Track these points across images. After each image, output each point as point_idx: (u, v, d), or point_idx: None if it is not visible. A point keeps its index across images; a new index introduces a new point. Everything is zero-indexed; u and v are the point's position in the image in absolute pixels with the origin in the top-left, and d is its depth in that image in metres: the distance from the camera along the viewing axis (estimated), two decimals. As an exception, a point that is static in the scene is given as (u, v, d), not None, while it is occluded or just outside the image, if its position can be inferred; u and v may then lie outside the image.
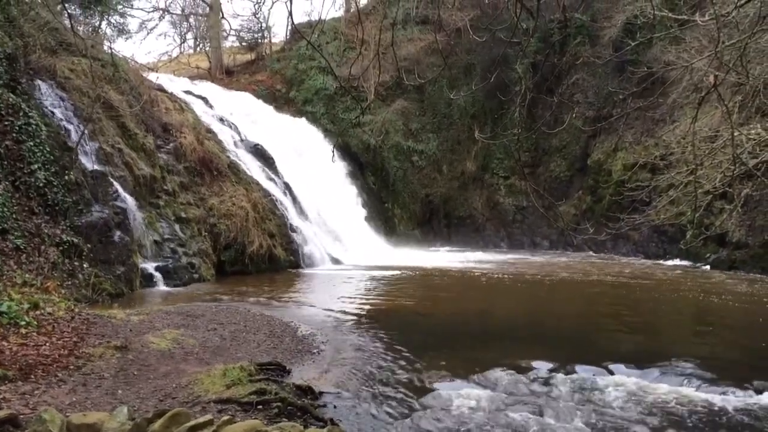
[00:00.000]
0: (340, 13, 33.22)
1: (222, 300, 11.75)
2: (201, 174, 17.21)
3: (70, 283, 10.48)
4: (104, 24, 24.93)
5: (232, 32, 36.61)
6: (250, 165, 19.44)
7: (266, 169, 20.04)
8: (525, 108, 20.28)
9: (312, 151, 23.89)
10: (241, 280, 14.95)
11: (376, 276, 16.06)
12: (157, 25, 59.17)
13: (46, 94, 13.34)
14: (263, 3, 46.60)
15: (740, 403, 6.04)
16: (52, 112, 12.96)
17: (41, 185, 11.20)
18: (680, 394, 6.28)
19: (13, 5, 13.27)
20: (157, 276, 13.50)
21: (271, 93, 28.91)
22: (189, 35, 45.71)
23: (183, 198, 16.03)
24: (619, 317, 10.67)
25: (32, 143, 11.33)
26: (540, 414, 5.76)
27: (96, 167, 13.15)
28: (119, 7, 24.40)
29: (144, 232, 13.97)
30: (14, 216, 10.27)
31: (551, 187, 25.33)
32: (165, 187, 15.59)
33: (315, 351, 7.74)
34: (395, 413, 5.75)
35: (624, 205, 17.12)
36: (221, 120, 21.31)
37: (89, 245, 11.64)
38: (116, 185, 13.46)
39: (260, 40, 34.72)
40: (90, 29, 23.44)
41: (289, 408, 5.35)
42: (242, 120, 22.54)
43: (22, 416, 4.59)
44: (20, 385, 5.42)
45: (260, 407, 5.29)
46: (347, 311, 10.64)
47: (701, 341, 9.16)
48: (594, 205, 23.34)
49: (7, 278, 8.75)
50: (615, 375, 6.89)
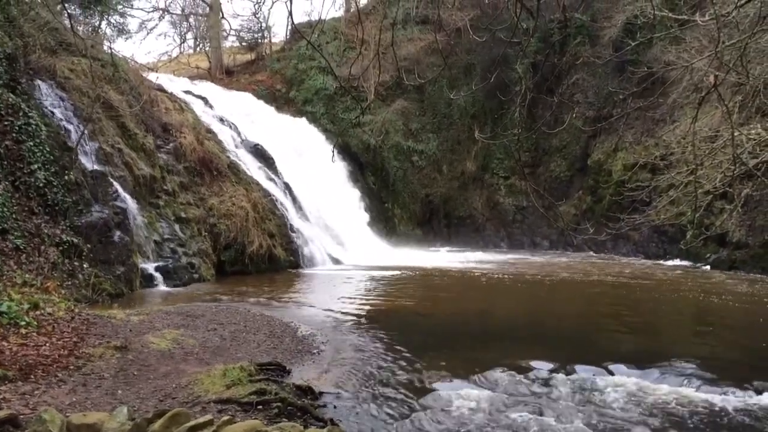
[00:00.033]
0: (340, 13, 33.24)
1: (222, 300, 11.75)
2: (201, 174, 17.22)
3: (70, 284, 10.48)
4: (104, 24, 24.95)
5: (232, 32, 36.67)
6: (250, 165, 19.44)
7: (266, 169, 20.03)
8: (525, 108, 20.28)
9: (312, 151, 23.89)
10: (241, 280, 14.95)
11: (376, 276, 16.06)
12: (157, 25, 59.21)
13: (46, 94, 13.33)
14: (263, 3, 46.62)
15: (740, 404, 6.04)
16: (52, 112, 12.96)
17: (41, 185, 11.20)
18: (680, 395, 6.28)
19: (13, 5, 13.27)
20: (157, 276, 13.50)
21: (271, 93, 28.90)
22: (189, 35, 45.78)
23: (183, 198, 16.03)
24: (620, 317, 10.67)
25: (32, 143, 11.33)
26: (540, 414, 5.76)
27: (96, 167, 13.15)
28: (119, 7, 24.39)
29: (144, 232, 13.97)
30: (14, 216, 10.27)
31: (551, 187, 25.33)
32: (165, 187, 15.60)
33: (315, 351, 7.74)
34: (395, 413, 5.75)
35: (624, 205, 17.12)
36: (221, 120, 21.31)
37: (89, 245, 11.64)
38: (116, 185, 13.46)
39: (260, 40, 34.70)
40: (90, 29, 23.44)
41: (289, 408, 5.35)
42: (242, 120, 22.53)
43: (22, 416, 4.59)
44: (20, 385, 5.42)
45: (260, 407, 5.29)
46: (347, 311, 10.63)
47: (701, 341, 9.16)
48: (594, 205, 23.34)
49: (7, 278, 8.75)
50: (615, 375, 6.89)
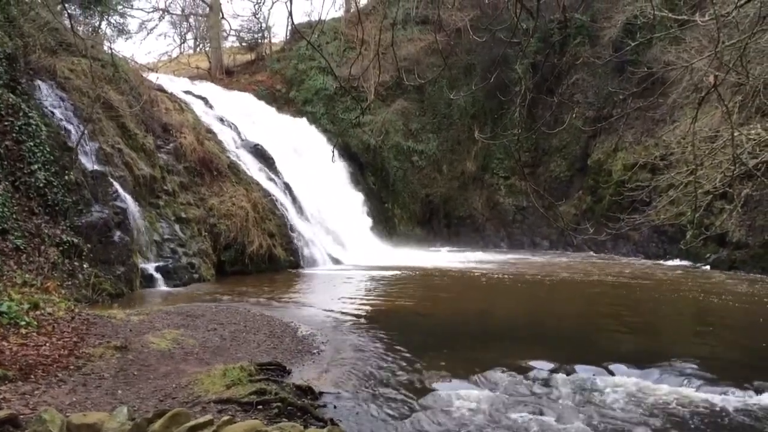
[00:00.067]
0: (340, 13, 33.27)
1: (222, 300, 11.75)
2: (201, 174, 17.22)
3: (70, 283, 10.48)
4: (104, 24, 24.96)
5: (232, 32, 36.66)
6: (250, 165, 19.44)
7: (266, 169, 20.03)
8: (525, 108, 20.24)
9: (312, 152, 23.89)
10: (241, 280, 14.95)
11: (376, 276, 16.06)
12: (157, 26, 59.35)
13: (46, 94, 13.33)
14: (263, 3, 46.53)
15: (740, 404, 6.04)
16: (52, 112, 12.96)
17: (41, 185, 11.20)
18: (681, 395, 6.28)
19: (13, 5, 13.27)
20: (157, 276, 13.51)
21: (271, 93, 28.91)
22: (189, 35, 45.77)
23: (183, 198, 16.03)
24: (620, 317, 10.67)
25: (32, 143, 11.33)
26: (540, 414, 5.76)
27: (96, 167, 13.15)
28: (119, 7, 24.41)
29: (144, 232, 13.97)
30: (14, 216, 10.27)
31: (551, 187, 25.33)
32: (165, 187, 15.60)
33: (315, 351, 7.74)
34: (395, 414, 5.75)
35: (624, 205, 17.11)
36: (221, 120, 21.31)
37: (89, 245, 11.64)
38: (116, 185, 13.46)
39: (260, 40, 34.70)
40: (90, 29, 23.43)
41: (289, 408, 5.35)
42: (242, 120, 22.53)
43: (22, 416, 4.59)
44: (20, 385, 5.42)
45: (260, 407, 5.29)
46: (347, 311, 10.63)
47: (701, 341, 9.15)
48: (594, 205, 23.34)
49: (7, 278, 8.75)
50: (615, 375, 6.89)
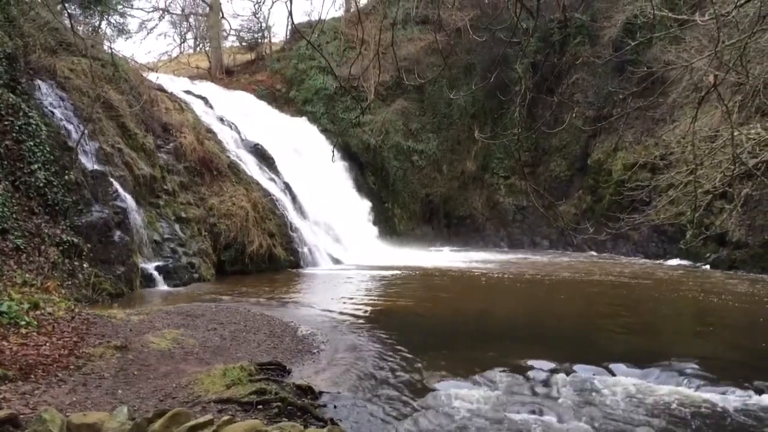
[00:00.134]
0: (340, 13, 33.24)
1: (222, 300, 11.74)
2: (201, 174, 17.22)
3: (70, 283, 10.48)
4: (104, 24, 24.94)
5: (232, 32, 36.67)
6: (250, 165, 19.44)
7: (266, 169, 20.04)
8: (525, 108, 20.26)
9: (312, 151, 23.90)
10: (241, 280, 14.95)
11: (376, 276, 16.06)
12: (157, 25, 59.28)
13: (46, 94, 13.33)
14: (263, 3, 46.67)
15: (740, 404, 6.04)
16: (52, 112, 12.96)
17: (41, 185, 11.20)
18: (681, 395, 6.28)
19: (13, 5, 13.27)
20: (157, 276, 13.50)
21: (271, 93, 28.92)
22: (189, 35, 45.75)
23: (183, 198, 16.03)
24: (619, 317, 10.66)
25: (32, 143, 11.33)
26: (540, 414, 5.76)
27: (96, 167, 13.15)
28: (119, 7, 24.37)
29: (144, 232, 13.97)
30: (14, 216, 10.27)
31: (551, 187, 25.34)
32: (165, 187, 15.59)
33: (315, 351, 7.74)
34: (395, 413, 5.75)
35: (624, 205, 17.11)
36: (221, 120, 21.31)
37: (89, 245, 11.64)
38: (116, 185, 13.46)
39: (260, 40, 34.70)
40: (90, 29, 23.42)
41: (289, 408, 5.35)
42: (242, 120, 22.53)
43: (23, 416, 4.58)
44: (20, 385, 5.42)
45: (260, 407, 5.29)
46: (347, 311, 10.63)
47: (701, 341, 9.16)
48: (594, 205, 23.35)
49: (7, 278, 8.75)
50: (615, 375, 6.89)
